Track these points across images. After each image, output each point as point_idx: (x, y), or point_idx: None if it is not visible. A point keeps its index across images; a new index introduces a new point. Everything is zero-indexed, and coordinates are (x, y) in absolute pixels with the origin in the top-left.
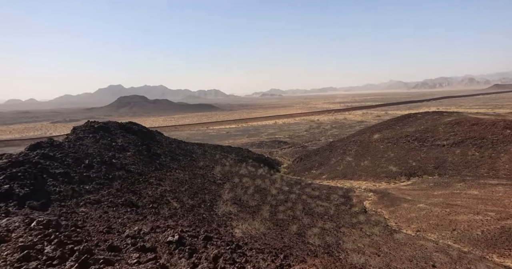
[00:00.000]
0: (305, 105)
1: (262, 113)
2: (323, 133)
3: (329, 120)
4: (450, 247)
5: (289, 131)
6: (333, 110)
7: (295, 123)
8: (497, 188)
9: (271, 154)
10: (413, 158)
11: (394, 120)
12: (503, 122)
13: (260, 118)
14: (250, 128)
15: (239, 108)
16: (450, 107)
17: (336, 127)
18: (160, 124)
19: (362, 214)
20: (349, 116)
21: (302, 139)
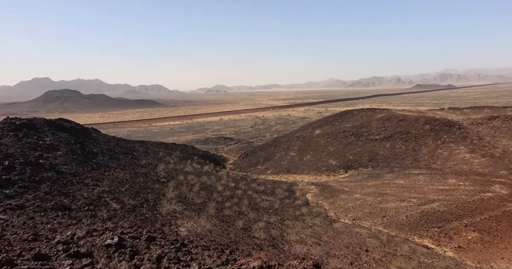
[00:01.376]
0: (250, 102)
1: (207, 109)
2: (268, 129)
3: (273, 116)
4: (380, 232)
5: (234, 127)
6: (277, 107)
7: (240, 119)
8: (418, 177)
9: (217, 151)
10: (350, 151)
11: (334, 116)
12: (423, 118)
13: (205, 114)
14: (195, 124)
15: (183, 104)
16: (382, 104)
17: (281, 123)
18: (97, 120)
19: (304, 206)
20: (293, 113)
21: (247, 135)
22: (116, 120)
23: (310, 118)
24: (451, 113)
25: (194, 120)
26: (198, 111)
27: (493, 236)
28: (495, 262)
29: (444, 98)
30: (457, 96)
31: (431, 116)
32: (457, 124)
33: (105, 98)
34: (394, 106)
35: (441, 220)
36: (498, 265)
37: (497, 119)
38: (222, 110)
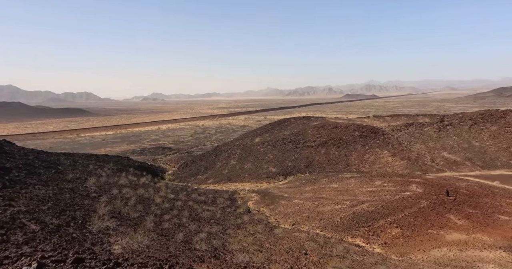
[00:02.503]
0: (190, 110)
1: (143, 118)
2: (208, 138)
3: (213, 125)
4: (318, 235)
5: (173, 137)
6: (217, 115)
7: (179, 129)
8: (350, 180)
9: (155, 161)
10: (289, 158)
11: (272, 124)
12: (353, 125)
13: (141, 124)
14: (131, 134)
15: (117, 113)
16: (316, 112)
17: (221, 131)
18: (11, 131)
19: (246, 214)
20: (233, 121)
21: (187, 145)
22: (36, 130)
23: (250, 126)
24: (375, 120)
25: (129, 129)
26: (133, 120)
27: (411, 231)
28: (413, 254)
29: (370, 107)
30: (380, 105)
31: (359, 124)
32: (381, 131)
33: (22, 106)
34: (328, 114)
35: (370, 219)
36: (415, 256)
37: (411, 126)
38: (160, 119)
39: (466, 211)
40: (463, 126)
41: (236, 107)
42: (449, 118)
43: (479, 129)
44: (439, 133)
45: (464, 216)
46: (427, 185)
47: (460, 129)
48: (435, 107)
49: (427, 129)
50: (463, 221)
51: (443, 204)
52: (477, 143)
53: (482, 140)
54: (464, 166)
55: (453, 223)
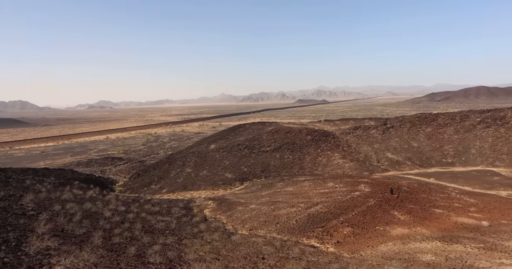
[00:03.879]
0: (141, 118)
1: (90, 127)
2: (162, 146)
3: (167, 132)
4: (275, 238)
5: (124, 146)
6: (170, 123)
7: (130, 137)
8: (304, 183)
9: (104, 173)
10: (245, 164)
11: (227, 130)
12: (305, 130)
13: (87, 134)
14: (75, 145)
15: (58, 122)
16: (270, 118)
17: (175, 139)
18: None
19: (203, 222)
20: (187, 128)
21: (139, 154)
22: None
23: (205, 133)
24: (326, 124)
25: (74, 140)
26: (78, 130)
27: (361, 229)
28: (363, 251)
29: (320, 111)
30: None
31: (311, 128)
32: (331, 134)
33: None
34: (281, 119)
35: (324, 220)
36: (365, 252)
37: (359, 129)
38: (108, 127)
39: (408, 207)
40: (403, 128)
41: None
42: (391, 121)
43: (416, 131)
44: (383, 135)
45: (406, 211)
46: (374, 184)
47: (401, 131)
48: (379, 111)
49: (373, 132)
50: (405, 216)
51: (388, 202)
52: (415, 143)
53: (419, 141)
54: (405, 165)
55: (397, 218)
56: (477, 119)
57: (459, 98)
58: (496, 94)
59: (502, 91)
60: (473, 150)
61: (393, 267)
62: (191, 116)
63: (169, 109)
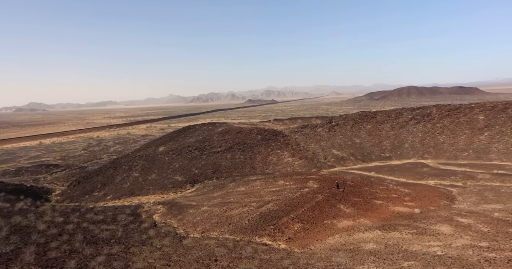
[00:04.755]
0: (81, 121)
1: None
2: (105, 150)
3: (111, 136)
4: (227, 239)
5: (61, 152)
6: (114, 125)
7: (69, 142)
8: (256, 182)
9: (37, 182)
10: (195, 166)
11: (177, 132)
12: (256, 129)
13: (15, 139)
14: (0, 152)
15: None
16: (221, 118)
17: (120, 143)
18: None
19: (152, 228)
20: (133, 131)
21: (79, 160)
22: None
23: (153, 135)
24: (276, 124)
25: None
26: (4, 135)
27: (310, 224)
28: (313, 245)
29: (270, 111)
30: (279, 109)
31: (261, 128)
32: (281, 133)
33: None
34: (232, 119)
35: (275, 218)
36: (314, 246)
37: (307, 128)
38: (41, 132)
39: (352, 200)
40: (347, 126)
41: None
42: (336, 120)
43: (358, 128)
44: (329, 133)
45: (351, 204)
46: (321, 180)
47: (345, 128)
48: (324, 110)
49: (319, 130)
50: (350, 209)
51: (334, 196)
52: (357, 140)
53: (361, 138)
54: (349, 161)
55: (343, 212)
56: (409, 116)
57: (394, 97)
58: (424, 93)
59: (428, 90)
60: (406, 145)
61: (340, 258)
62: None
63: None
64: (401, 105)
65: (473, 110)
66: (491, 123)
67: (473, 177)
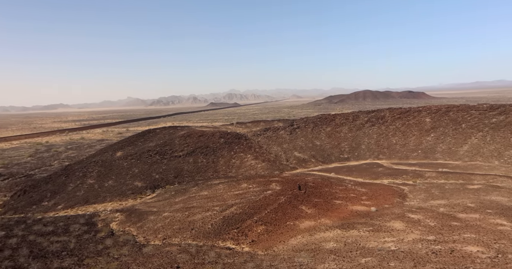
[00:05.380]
0: (27, 125)
1: None
2: (56, 156)
3: (62, 141)
4: (190, 245)
5: (3, 159)
6: (67, 130)
7: (12, 149)
8: (219, 186)
9: None
10: (156, 171)
11: (136, 136)
12: (218, 133)
13: None
14: None
15: None
16: (182, 121)
17: (73, 148)
18: None
19: (109, 237)
20: (88, 135)
21: (25, 167)
22: None
23: (110, 139)
24: (238, 127)
25: None
26: None
27: (273, 226)
28: (276, 246)
29: (232, 114)
30: (242, 112)
31: (224, 131)
32: (244, 136)
33: None
34: (194, 123)
35: (239, 221)
36: (277, 248)
37: (269, 130)
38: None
39: (313, 201)
40: (308, 129)
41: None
42: (297, 122)
43: (318, 131)
44: (291, 135)
45: (312, 205)
46: (284, 182)
47: (306, 131)
48: (286, 112)
49: (281, 133)
50: (312, 210)
51: (297, 198)
52: (318, 142)
53: (321, 140)
54: (310, 162)
55: (305, 212)
56: (365, 119)
57: (351, 100)
58: (378, 97)
59: (382, 94)
60: (363, 146)
61: (302, 258)
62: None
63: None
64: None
65: (421, 113)
66: (436, 125)
67: (422, 176)
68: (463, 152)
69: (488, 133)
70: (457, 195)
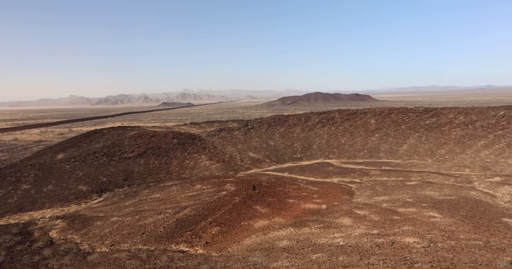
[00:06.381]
0: None
1: None
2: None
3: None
4: (140, 250)
5: None
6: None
7: None
8: (172, 188)
9: None
10: (103, 173)
11: (80, 137)
12: (171, 133)
13: None
14: None
15: None
16: (132, 121)
17: (4, 150)
18: None
19: (48, 247)
20: (22, 136)
21: None
22: None
23: (50, 141)
24: (192, 127)
25: None
26: None
27: (228, 226)
28: (230, 247)
29: (186, 114)
30: (196, 113)
31: (177, 131)
32: (198, 137)
33: None
34: (145, 123)
35: (192, 223)
36: (232, 248)
37: (224, 131)
38: None
39: (267, 200)
40: (262, 129)
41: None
42: (251, 123)
43: (272, 131)
44: (245, 136)
45: (266, 204)
46: (239, 183)
47: (260, 131)
48: (241, 113)
49: (236, 133)
50: (266, 209)
51: (251, 198)
52: (272, 142)
53: (275, 140)
54: (265, 162)
55: (259, 212)
56: (316, 120)
57: (304, 101)
58: (328, 98)
59: (332, 96)
60: (314, 146)
61: (256, 257)
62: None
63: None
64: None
65: (366, 114)
66: (380, 126)
67: (367, 174)
68: (402, 151)
69: (423, 133)
70: (397, 191)
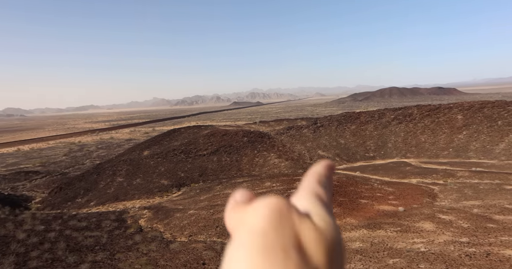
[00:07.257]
0: (62, 126)
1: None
2: (88, 155)
3: (93, 140)
4: (215, 242)
5: (40, 158)
6: (97, 130)
7: (49, 148)
8: (242, 184)
9: (16, 190)
10: (181, 169)
11: (162, 135)
12: (242, 131)
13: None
14: None
15: None
16: (206, 121)
17: (103, 147)
18: None
19: (138, 233)
20: (116, 135)
21: (60, 166)
22: None
23: (138, 139)
24: (261, 125)
25: None
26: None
27: None
28: None
29: (256, 113)
30: (264, 111)
31: (247, 130)
32: (267, 135)
33: None
34: (217, 122)
35: None
36: None
37: (292, 129)
38: (19, 138)
39: (338, 200)
40: (332, 127)
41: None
42: (320, 121)
43: (343, 129)
44: (314, 134)
45: (337, 204)
46: None
47: (330, 129)
48: (309, 111)
49: (305, 131)
50: (337, 209)
51: None
52: (342, 140)
53: (345, 138)
54: (335, 161)
55: None
56: (391, 116)
57: (377, 97)
58: (405, 93)
59: (409, 91)
60: (389, 144)
61: None
62: (121, 122)
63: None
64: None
65: (451, 110)
66: (469, 122)
67: (453, 175)
68: (499, 150)
69: None
70: (492, 195)
